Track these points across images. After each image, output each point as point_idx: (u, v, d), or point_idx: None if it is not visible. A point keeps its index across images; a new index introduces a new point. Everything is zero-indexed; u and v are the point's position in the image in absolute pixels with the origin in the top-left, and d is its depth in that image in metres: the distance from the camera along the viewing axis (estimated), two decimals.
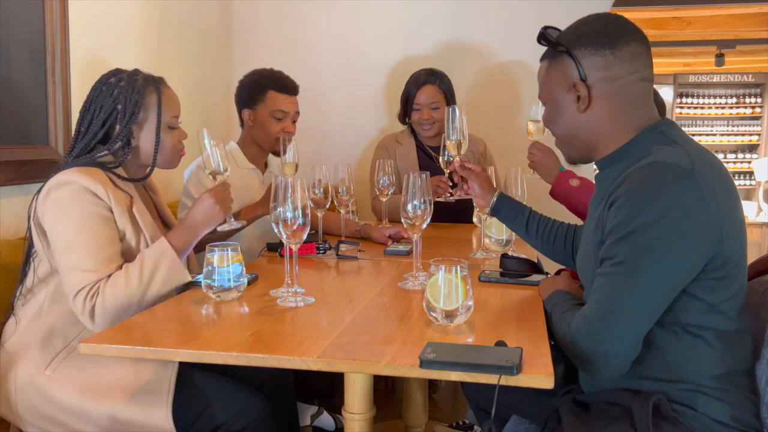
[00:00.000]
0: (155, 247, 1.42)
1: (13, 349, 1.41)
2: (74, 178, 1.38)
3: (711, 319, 1.08)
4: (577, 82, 1.17)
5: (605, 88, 1.16)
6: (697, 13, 5.42)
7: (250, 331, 1.14)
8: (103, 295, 1.34)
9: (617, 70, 1.15)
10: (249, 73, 2.23)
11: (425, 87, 2.53)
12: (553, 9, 2.93)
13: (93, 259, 1.36)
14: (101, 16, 2.20)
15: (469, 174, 1.65)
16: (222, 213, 1.51)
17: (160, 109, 1.51)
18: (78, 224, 1.36)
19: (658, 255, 1.01)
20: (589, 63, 1.16)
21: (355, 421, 1.18)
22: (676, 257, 1.02)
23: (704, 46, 6.89)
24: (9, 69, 1.78)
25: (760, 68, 8.42)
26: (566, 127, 1.23)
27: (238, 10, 3.19)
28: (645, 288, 1.03)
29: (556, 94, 1.22)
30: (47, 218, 1.39)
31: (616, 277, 1.04)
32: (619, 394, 1.12)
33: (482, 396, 1.57)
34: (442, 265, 1.14)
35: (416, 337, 1.11)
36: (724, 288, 1.07)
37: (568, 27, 1.22)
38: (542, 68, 1.26)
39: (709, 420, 1.07)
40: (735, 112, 8.89)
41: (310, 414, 2.21)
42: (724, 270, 1.06)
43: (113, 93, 1.48)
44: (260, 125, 2.17)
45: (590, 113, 1.18)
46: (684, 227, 1.01)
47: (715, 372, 1.08)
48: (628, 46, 1.14)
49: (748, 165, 8.61)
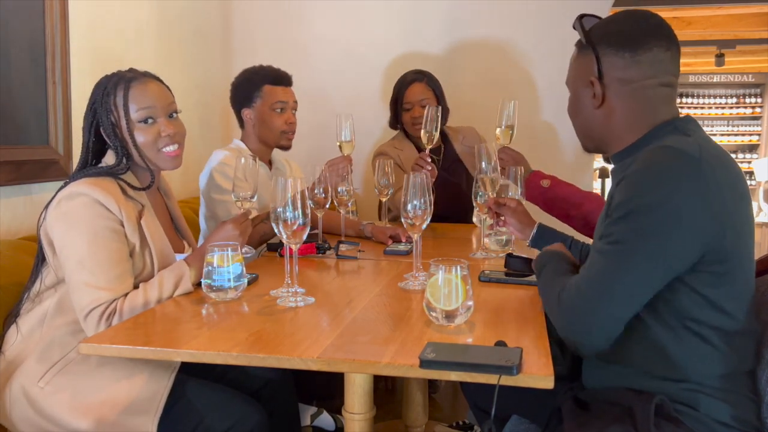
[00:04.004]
0: (175, 269, 1.42)
1: (11, 358, 1.40)
2: (86, 190, 1.36)
3: (714, 317, 1.07)
4: (593, 79, 1.19)
5: (619, 90, 1.18)
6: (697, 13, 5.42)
7: (250, 331, 1.14)
8: (120, 315, 1.32)
9: (633, 74, 1.16)
10: (240, 73, 2.24)
11: (413, 85, 2.53)
12: (553, 9, 2.93)
13: (105, 276, 1.34)
14: (101, 16, 2.20)
15: (505, 210, 1.67)
16: (241, 241, 1.51)
17: (126, 106, 1.45)
18: (90, 239, 1.34)
19: (655, 240, 1.02)
20: (609, 63, 1.17)
21: (355, 421, 1.18)
22: (672, 244, 1.02)
23: (704, 46, 6.89)
24: (9, 69, 1.78)
25: (760, 68, 8.42)
26: (582, 118, 1.26)
27: (237, 10, 3.19)
28: (637, 270, 1.04)
29: (577, 86, 1.25)
30: (57, 231, 1.37)
31: (611, 256, 1.06)
32: (622, 393, 1.12)
33: (481, 396, 1.57)
34: (442, 265, 1.14)
35: (416, 337, 1.11)
36: (724, 285, 1.07)
37: (602, 20, 1.23)
38: (573, 55, 1.28)
39: (711, 420, 1.07)
40: (735, 112, 8.90)
41: (310, 414, 2.21)
42: (725, 266, 1.06)
43: (92, 101, 1.47)
44: (262, 121, 2.18)
45: (604, 110, 1.20)
46: (684, 215, 1.01)
47: (718, 372, 1.08)
48: (650, 51, 1.15)
49: (748, 165, 8.60)
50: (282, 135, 2.19)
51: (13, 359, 1.40)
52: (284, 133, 2.19)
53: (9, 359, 1.40)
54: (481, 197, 1.80)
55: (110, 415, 1.31)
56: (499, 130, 2.01)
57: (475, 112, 2.74)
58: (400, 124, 2.63)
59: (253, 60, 2.31)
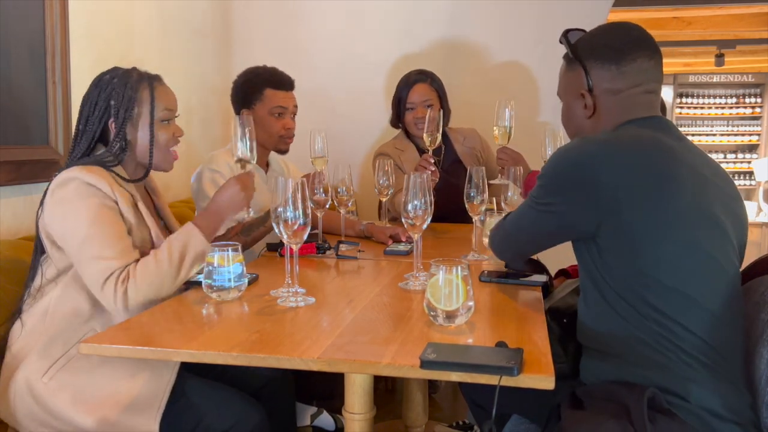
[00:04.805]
0: (182, 231, 1.45)
1: (16, 352, 1.41)
2: (76, 175, 1.39)
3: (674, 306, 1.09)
4: (584, 92, 1.27)
5: (608, 100, 1.25)
6: (697, 13, 5.41)
7: (251, 331, 1.14)
8: (134, 277, 1.35)
9: (620, 85, 1.24)
10: (242, 72, 2.22)
11: (417, 86, 2.52)
12: (553, 9, 2.92)
13: (112, 248, 1.37)
14: (101, 16, 2.20)
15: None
16: (246, 200, 1.53)
17: (153, 103, 1.50)
18: (90, 217, 1.37)
19: (546, 197, 1.20)
20: (597, 75, 1.25)
21: (355, 421, 1.18)
22: (560, 205, 1.17)
23: (704, 46, 6.89)
24: (9, 69, 1.77)
25: (760, 68, 8.42)
26: (574, 128, 1.35)
27: (237, 10, 3.19)
28: (535, 214, 1.23)
29: (568, 98, 1.33)
30: (56, 217, 1.39)
31: (522, 206, 1.29)
32: (615, 388, 1.13)
33: (479, 393, 1.57)
34: (443, 266, 1.14)
35: (416, 337, 1.11)
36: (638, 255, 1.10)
37: (587, 33, 1.30)
38: (561, 68, 1.36)
39: (702, 411, 1.08)
40: (735, 112, 8.90)
41: (310, 414, 2.20)
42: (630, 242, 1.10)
43: (106, 89, 1.48)
44: (260, 124, 2.16)
45: (594, 120, 1.28)
46: (573, 179, 1.15)
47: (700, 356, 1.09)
48: (635, 62, 1.22)
49: (748, 165, 8.61)
50: (279, 139, 2.17)
51: (17, 353, 1.40)
52: (282, 138, 2.17)
53: (14, 353, 1.41)
54: (472, 198, 1.79)
55: (113, 412, 1.32)
56: (497, 129, 2.04)
57: (474, 113, 2.74)
58: (401, 124, 2.63)
59: (253, 60, 2.30)
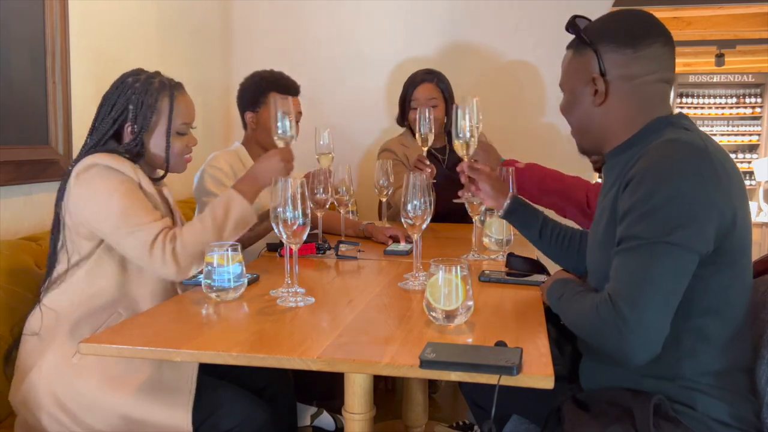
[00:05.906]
0: (223, 195, 1.50)
1: (43, 336, 1.41)
2: (97, 161, 1.43)
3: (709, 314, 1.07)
4: (596, 76, 1.19)
5: (622, 86, 1.18)
6: (697, 13, 5.41)
7: (250, 331, 1.14)
8: (181, 237, 1.40)
9: (636, 70, 1.17)
10: (250, 75, 2.23)
11: (422, 85, 2.53)
12: (553, 9, 2.92)
13: (151, 215, 1.42)
14: (101, 16, 2.20)
15: (478, 175, 1.58)
16: (285, 171, 1.57)
17: (171, 115, 1.53)
18: (120, 193, 1.41)
19: (683, 228, 1.00)
20: (610, 60, 1.18)
21: (355, 421, 1.18)
22: (700, 228, 1.01)
23: (704, 46, 6.89)
24: (9, 69, 1.78)
25: (760, 68, 8.42)
26: (581, 117, 1.26)
27: (237, 10, 3.19)
28: (670, 260, 1.01)
29: (575, 85, 1.24)
30: (86, 200, 1.41)
31: (643, 251, 1.02)
32: (620, 393, 1.12)
33: (479, 393, 1.57)
34: (442, 265, 1.14)
35: (416, 337, 1.11)
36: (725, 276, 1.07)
37: (596, 19, 1.24)
38: (566, 57, 1.28)
39: (709, 420, 1.07)
40: (735, 112, 8.89)
41: (310, 414, 2.21)
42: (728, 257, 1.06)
43: (127, 93, 1.50)
44: (263, 128, 2.17)
45: (605, 108, 1.21)
46: (703, 199, 1.02)
47: (713, 369, 1.08)
48: (651, 47, 1.16)
49: (748, 165, 8.60)
50: None
51: (43, 337, 1.41)
52: None
53: (42, 337, 1.42)
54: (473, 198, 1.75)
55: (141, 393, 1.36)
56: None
57: None
58: (407, 122, 2.64)
59: (253, 60, 2.31)
